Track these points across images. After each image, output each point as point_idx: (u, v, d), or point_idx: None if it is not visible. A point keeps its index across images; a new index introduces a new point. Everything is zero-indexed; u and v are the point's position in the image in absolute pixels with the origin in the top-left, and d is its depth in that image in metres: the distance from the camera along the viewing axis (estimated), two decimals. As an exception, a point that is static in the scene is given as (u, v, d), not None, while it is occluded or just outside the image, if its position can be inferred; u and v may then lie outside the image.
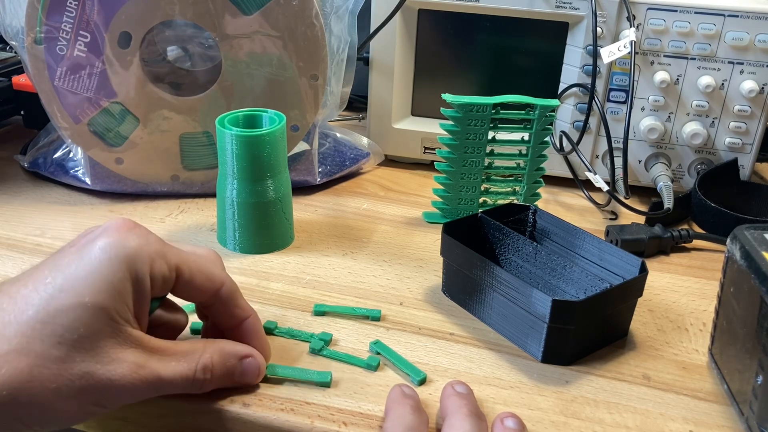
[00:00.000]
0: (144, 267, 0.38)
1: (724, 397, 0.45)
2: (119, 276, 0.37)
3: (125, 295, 0.37)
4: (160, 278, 0.39)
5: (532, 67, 0.73)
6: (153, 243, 0.39)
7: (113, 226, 0.39)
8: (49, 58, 0.61)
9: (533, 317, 0.47)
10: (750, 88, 0.65)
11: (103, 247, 0.37)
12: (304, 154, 0.71)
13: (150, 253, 0.38)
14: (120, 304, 0.37)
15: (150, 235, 0.40)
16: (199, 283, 0.41)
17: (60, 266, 0.37)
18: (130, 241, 0.38)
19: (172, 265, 0.40)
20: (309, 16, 0.62)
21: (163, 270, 0.39)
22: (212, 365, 0.41)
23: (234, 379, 0.42)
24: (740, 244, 0.43)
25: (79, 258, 0.37)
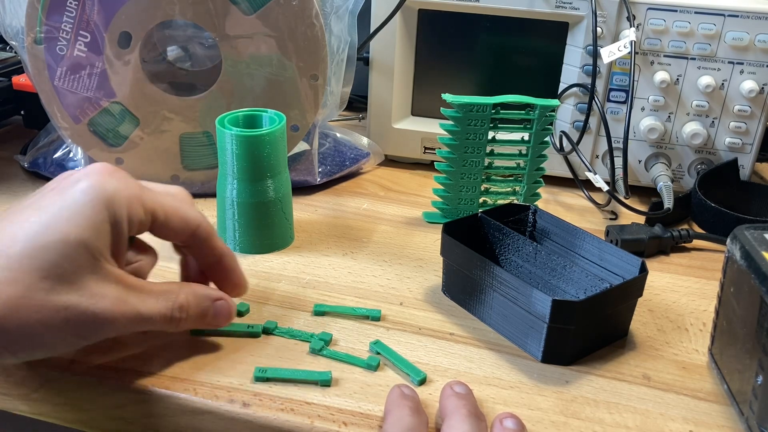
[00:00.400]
0: (122, 210, 0.40)
1: (724, 397, 0.45)
2: (100, 217, 0.39)
3: (105, 235, 0.39)
4: (137, 221, 0.41)
5: (532, 67, 0.73)
6: (131, 187, 0.41)
7: (94, 170, 0.41)
8: (49, 58, 0.61)
9: (533, 317, 0.47)
10: (750, 88, 0.65)
11: (85, 189, 0.39)
12: (304, 154, 0.71)
13: (128, 196, 0.40)
14: (101, 242, 0.39)
15: (128, 179, 0.41)
16: (175, 225, 0.43)
17: (43, 206, 0.39)
18: (110, 184, 0.40)
19: (149, 208, 0.42)
20: (309, 16, 0.62)
21: (140, 213, 0.41)
22: (187, 305, 0.43)
23: (207, 320, 0.45)
24: (740, 244, 0.43)
25: (62, 198, 0.39)
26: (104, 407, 0.45)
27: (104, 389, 0.44)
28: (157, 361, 0.45)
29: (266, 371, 0.44)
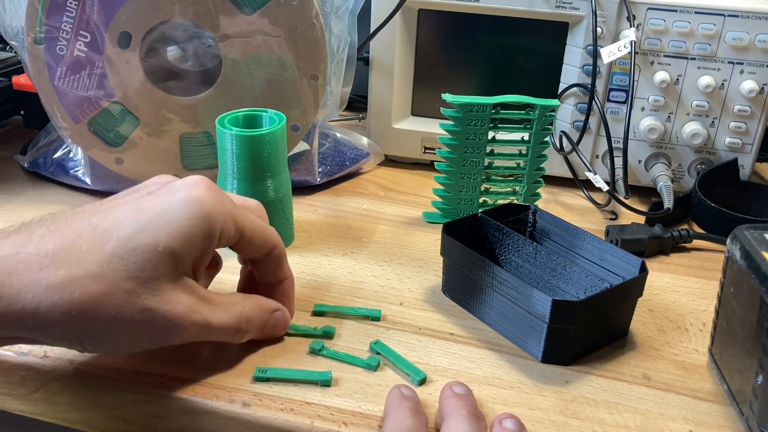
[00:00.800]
0: (217, 226, 0.41)
1: (724, 397, 0.45)
2: (195, 230, 0.40)
3: (194, 248, 0.41)
4: (226, 238, 0.43)
5: (532, 67, 0.73)
6: (227, 204, 0.42)
7: (195, 182, 0.42)
8: (49, 58, 0.61)
9: (533, 317, 0.47)
10: (750, 88, 0.65)
11: (186, 200, 0.41)
12: (304, 154, 0.71)
13: (224, 214, 0.42)
14: (188, 254, 0.40)
15: (224, 195, 0.43)
16: (257, 244, 0.45)
17: (142, 209, 0.40)
18: (210, 200, 0.41)
19: (239, 227, 0.43)
20: (309, 16, 0.62)
21: (231, 231, 0.43)
22: (250, 318, 0.45)
23: (266, 331, 0.47)
24: (740, 244, 0.43)
25: (161, 205, 0.40)
26: (104, 407, 0.45)
27: (104, 389, 0.44)
28: (157, 361, 0.45)
29: (266, 371, 0.44)
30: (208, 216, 0.41)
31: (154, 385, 0.44)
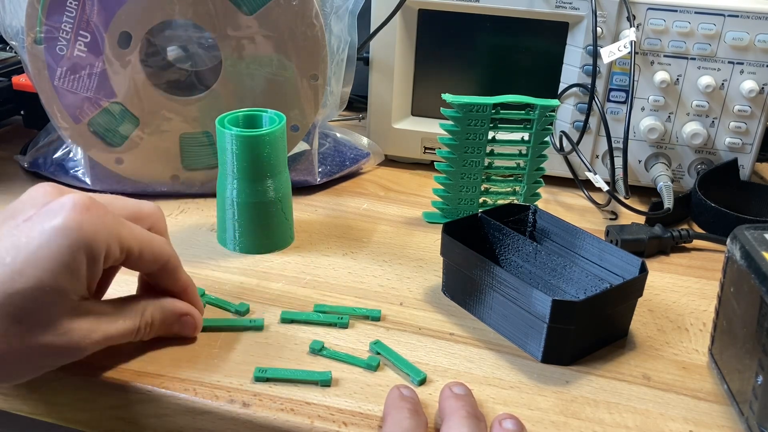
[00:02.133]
0: (101, 250, 0.40)
1: (724, 397, 0.45)
2: (77, 260, 0.39)
3: (80, 275, 0.39)
4: (112, 259, 0.41)
5: (532, 67, 0.73)
6: (109, 225, 0.41)
7: (70, 204, 0.39)
8: (49, 58, 0.61)
9: (533, 317, 0.47)
10: (750, 88, 0.65)
11: (62, 228, 0.38)
12: (304, 154, 0.71)
13: (107, 235, 0.40)
14: (75, 283, 0.39)
15: (106, 215, 0.41)
16: (146, 260, 0.44)
17: (18, 246, 0.38)
18: (88, 223, 0.39)
19: (125, 246, 0.42)
20: (309, 16, 0.62)
21: (116, 252, 0.41)
22: (152, 320, 0.45)
23: (173, 331, 0.47)
24: (740, 244, 0.43)
25: (38, 237, 0.38)
26: (104, 407, 0.45)
27: (104, 389, 0.44)
28: (157, 362, 0.45)
29: (266, 371, 0.44)
30: (89, 242, 0.39)
31: (154, 385, 0.44)
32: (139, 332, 0.44)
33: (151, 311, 0.45)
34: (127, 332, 0.43)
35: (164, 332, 0.46)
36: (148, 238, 0.44)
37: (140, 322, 0.44)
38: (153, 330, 0.45)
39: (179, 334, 0.47)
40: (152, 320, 0.45)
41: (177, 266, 0.46)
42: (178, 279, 0.47)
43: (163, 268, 0.45)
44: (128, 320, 0.43)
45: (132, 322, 0.43)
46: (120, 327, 0.43)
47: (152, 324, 0.45)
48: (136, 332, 0.44)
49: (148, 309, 0.45)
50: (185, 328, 0.47)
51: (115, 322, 0.42)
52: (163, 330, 0.46)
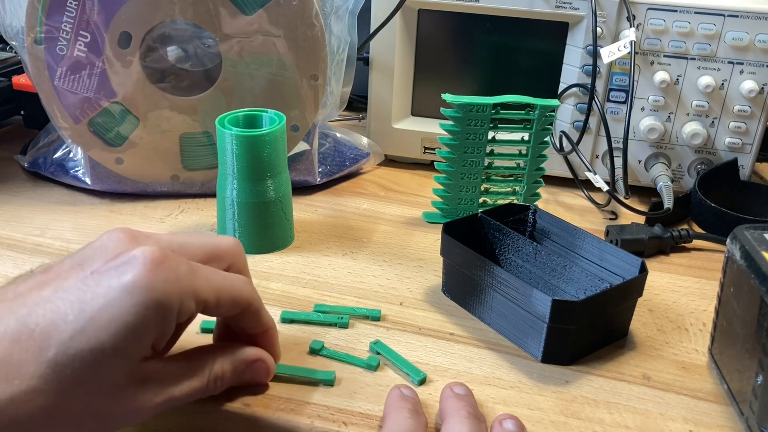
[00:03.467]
0: (172, 309, 0.36)
1: (724, 397, 0.45)
2: (145, 322, 0.35)
3: (147, 337, 0.36)
4: (186, 315, 0.38)
5: (532, 67, 0.73)
6: (182, 279, 0.37)
7: (140, 260, 0.36)
8: (49, 58, 0.61)
9: (533, 317, 0.47)
10: (750, 88, 0.65)
11: (129, 288, 0.35)
12: (304, 154, 0.71)
13: (180, 292, 0.37)
14: (141, 346, 0.36)
15: (179, 266, 0.37)
16: (225, 307, 0.40)
17: (83, 302, 0.35)
18: (159, 284, 0.36)
19: (201, 299, 0.38)
20: (309, 16, 0.62)
21: (191, 308, 0.38)
22: (222, 374, 0.41)
23: (244, 379, 0.43)
24: (740, 244, 0.43)
25: (104, 296, 0.35)
26: (104, 407, 0.45)
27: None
28: (157, 361, 0.45)
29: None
30: (159, 303, 0.36)
31: (154, 385, 0.44)
32: (207, 389, 0.41)
33: (221, 365, 0.41)
34: (194, 392, 0.40)
35: (236, 382, 0.43)
36: (227, 284, 0.40)
37: (208, 378, 0.40)
38: (224, 384, 0.42)
39: (251, 382, 0.43)
40: (222, 374, 0.41)
41: (259, 308, 0.42)
42: (259, 321, 0.43)
43: (244, 312, 0.41)
44: (195, 379, 0.40)
45: (200, 381, 0.40)
46: (186, 388, 0.39)
47: (222, 378, 0.41)
48: (204, 390, 0.40)
49: (218, 363, 0.41)
50: (257, 374, 0.43)
51: (180, 383, 0.39)
52: (234, 381, 0.42)
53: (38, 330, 0.34)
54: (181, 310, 0.37)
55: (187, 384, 0.39)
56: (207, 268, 0.39)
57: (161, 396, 0.38)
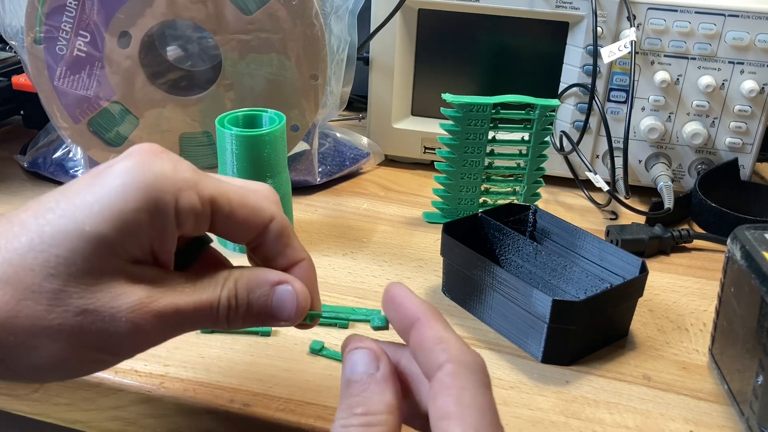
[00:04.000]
0: (167, 197, 0.31)
1: (724, 397, 0.45)
2: (131, 206, 0.31)
3: (137, 229, 0.31)
4: (191, 212, 0.32)
5: (532, 66, 0.73)
6: (183, 170, 0.32)
7: (137, 150, 0.32)
8: (48, 57, 0.61)
9: (533, 317, 0.47)
10: (750, 88, 0.65)
11: (119, 171, 0.31)
12: (304, 154, 0.71)
13: (177, 181, 0.32)
14: (129, 237, 0.31)
15: (182, 162, 0.33)
16: (242, 218, 0.34)
17: (68, 192, 0.31)
18: (154, 166, 0.31)
19: (206, 196, 0.33)
20: (309, 16, 0.62)
21: (193, 202, 0.32)
22: (237, 292, 0.34)
23: (268, 312, 0.35)
24: (741, 244, 0.43)
25: (91, 183, 0.31)
26: (104, 407, 0.45)
27: (104, 389, 0.44)
28: (157, 362, 0.45)
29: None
30: (152, 184, 0.31)
31: (154, 385, 0.44)
32: (221, 310, 0.33)
33: (235, 279, 0.34)
34: (203, 305, 0.33)
35: (257, 314, 0.35)
36: (243, 192, 0.34)
37: (221, 291, 0.33)
38: (240, 308, 0.34)
39: (278, 318, 0.35)
40: (237, 292, 0.34)
41: (286, 228, 0.36)
42: (289, 246, 0.36)
43: (267, 230, 0.35)
44: (204, 292, 0.33)
45: (208, 293, 0.33)
46: (192, 297, 0.33)
47: (237, 297, 0.34)
48: (216, 308, 0.33)
49: (233, 276, 0.34)
50: (283, 302, 0.35)
51: (184, 292, 0.33)
52: (255, 309, 0.34)
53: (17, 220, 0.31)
54: (180, 202, 0.32)
55: (191, 293, 0.33)
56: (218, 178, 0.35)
57: (159, 302, 0.32)
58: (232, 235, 0.35)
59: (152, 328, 0.32)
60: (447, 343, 0.30)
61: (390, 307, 0.33)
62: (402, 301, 0.32)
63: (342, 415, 0.30)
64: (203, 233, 0.36)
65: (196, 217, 0.32)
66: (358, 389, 0.31)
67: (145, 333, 0.31)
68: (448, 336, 0.30)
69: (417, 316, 0.31)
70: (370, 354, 0.32)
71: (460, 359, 0.30)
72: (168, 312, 0.32)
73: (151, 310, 0.31)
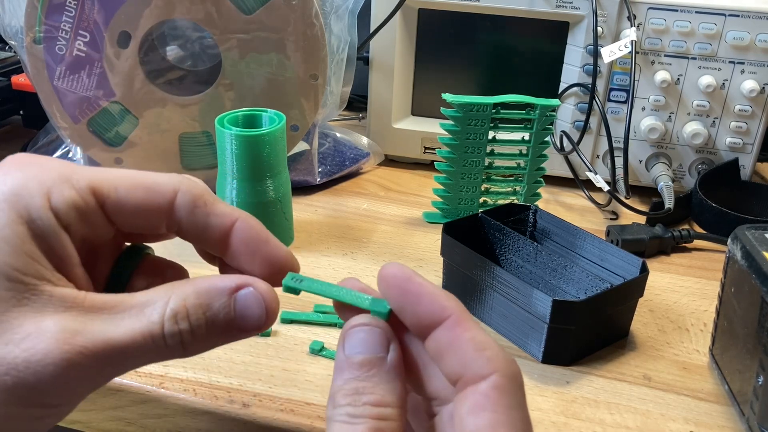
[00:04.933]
0: (36, 200, 0.27)
1: (724, 397, 0.45)
2: (2, 221, 0.26)
3: (20, 244, 0.26)
4: (70, 207, 0.28)
5: (533, 66, 0.73)
6: (50, 168, 0.28)
7: (1, 164, 0.29)
8: (48, 57, 0.61)
9: (534, 317, 0.46)
10: (751, 88, 0.65)
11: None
12: (304, 154, 0.71)
13: (43, 181, 0.28)
14: (17, 257, 0.26)
15: (50, 160, 0.29)
16: (137, 200, 0.29)
17: None
18: (13, 176, 0.28)
19: (83, 187, 0.28)
20: (309, 16, 0.62)
21: (69, 195, 0.28)
22: (187, 310, 0.28)
23: (233, 325, 0.29)
24: (741, 244, 0.43)
25: None
26: (104, 407, 0.45)
27: (104, 389, 0.44)
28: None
29: (301, 280, 0.31)
30: (14, 193, 0.27)
31: (153, 385, 0.44)
32: (169, 336, 0.28)
33: (182, 297, 0.28)
34: (146, 334, 0.27)
35: (218, 332, 0.29)
36: (135, 174, 0.30)
37: (164, 313, 0.28)
38: (194, 329, 0.28)
39: (244, 329, 0.29)
40: (188, 312, 0.28)
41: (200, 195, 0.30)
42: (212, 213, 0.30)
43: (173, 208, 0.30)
44: (142, 315, 0.27)
45: (149, 318, 0.27)
46: (130, 326, 0.27)
47: (190, 318, 0.28)
48: (162, 335, 0.28)
49: (176, 293, 0.28)
50: (247, 310, 0.29)
51: (119, 319, 0.27)
52: (214, 327, 0.29)
53: None
54: (54, 201, 0.28)
55: (129, 322, 0.27)
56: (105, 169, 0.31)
57: (84, 337, 0.26)
58: (138, 225, 0.30)
59: (83, 370, 0.26)
60: (491, 351, 0.27)
61: (401, 296, 0.28)
62: (421, 291, 0.28)
63: (346, 401, 0.26)
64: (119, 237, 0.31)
65: (79, 211, 0.28)
66: (364, 372, 0.27)
67: (76, 377, 0.26)
68: (490, 342, 0.27)
69: (446, 313, 0.27)
70: (381, 334, 0.28)
71: (506, 371, 0.27)
72: (98, 347, 0.26)
73: (75, 347, 0.26)
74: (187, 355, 0.29)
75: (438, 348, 0.28)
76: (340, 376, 0.28)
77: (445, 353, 0.27)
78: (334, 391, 0.27)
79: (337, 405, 0.27)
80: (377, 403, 0.27)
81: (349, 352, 0.28)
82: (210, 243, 0.31)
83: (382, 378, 0.27)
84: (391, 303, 0.29)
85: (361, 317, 0.29)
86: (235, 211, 0.31)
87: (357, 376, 0.27)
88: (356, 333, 0.28)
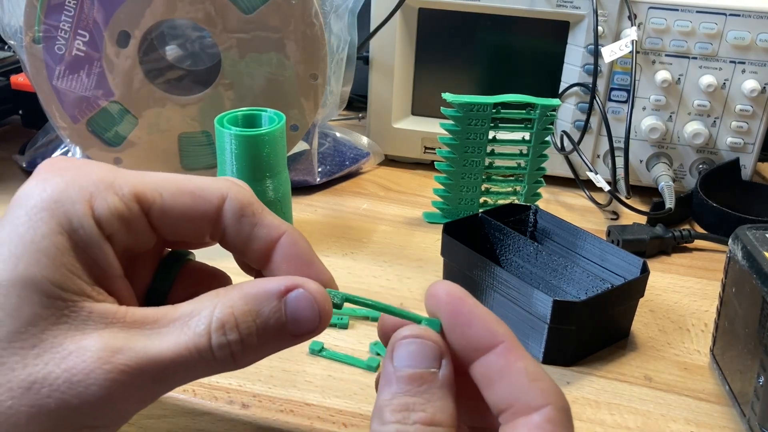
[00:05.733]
0: (78, 207, 0.26)
1: (725, 397, 0.45)
2: (41, 231, 0.25)
3: (59, 255, 0.25)
4: (113, 215, 0.26)
5: (533, 66, 0.72)
6: (92, 173, 0.27)
7: (38, 169, 0.28)
8: (47, 57, 0.61)
9: (534, 318, 0.46)
10: (752, 88, 0.65)
11: (19, 200, 0.26)
12: (304, 153, 0.71)
13: (85, 187, 0.26)
14: (55, 270, 0.25)
15: (90, 164, 0.28)
16: (185, 206, 0.28)
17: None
18: (53, 182, 0.26)
19: (127, 193, 0.27)
20: (309, 15, 0.62)
21: (114, 203, 0.26)
22: (235, 319, 0.26)
23: (285, 331, 0.27)
24: (742, 244, 0.43)
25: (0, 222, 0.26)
26: (102, 408, 0.44)
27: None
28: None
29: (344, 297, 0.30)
30: (54, 201, 0.26)
31: (152, 386, 0.43)
32: (217, 349, 0.26)
33: (226, 303, 0.27)
34: (192, 348, 0.26)
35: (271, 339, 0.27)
36: (180, 180, 0.29)
37: (210, 324, 0.26)
38: (245, 338, 0.26)
39: (298, 333, 0.28)
40: (233, 317, 0.26)
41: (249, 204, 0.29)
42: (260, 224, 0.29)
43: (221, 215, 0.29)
44: (186, 328, 0.26)
45: (194, 330, 0.26)
46: (174, 341, 0.26)
47: (239, 327, 0.26)
48: (209, 348, 0.26)
49: (221, 301, 0.27)
50: (300, 312, 0.27)
51: (163, 334, 0.26)
52: (265, 334, 0.27)
53: None
54: (96, 208, 0.26)
55: (173, 337, 0.26)
56: (149, 173, 0.29)
57: (127, 355, 0.25)
58: (182, 233, 0.29)
59: (128, 388, 0.25)
60: (545, 382, 0.26)
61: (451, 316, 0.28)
62: (473, 312, 0.27)
63: (395, 418, 0.25)
64: (163, 246, 0.30)
65: (123, 219, 0.27)
66: (415, 387, 0.26)
67: (121, 396, 0.25)
68: (543, 372, 0.26)
69: (498, 339, 0.27)
70: (433, 348, 0.27)
71: (560, 404, 0.26)
72: (141, 364, 0.25)
73: (117, 365, 0.25)
74: (239, 367, 0.27)
75: (488, 374, 0.27)
76: (388, 389, 0.26)
77: (496, 380, 0.26)
78: (380, 405, 0.26)
79: (386, 422, 0.25)
80: (429, 422, 0.25)
81: (398, 365, 0.27)
82: (252, 254, 0.30)
83: (434, 395, 0.26)
84: (448, 325, 0.28)
85: (412, 328, 0.28)
86: (283, 224, 0.30)
87: (406, 391, 0.26)
88: (407, 345, 0.27)
